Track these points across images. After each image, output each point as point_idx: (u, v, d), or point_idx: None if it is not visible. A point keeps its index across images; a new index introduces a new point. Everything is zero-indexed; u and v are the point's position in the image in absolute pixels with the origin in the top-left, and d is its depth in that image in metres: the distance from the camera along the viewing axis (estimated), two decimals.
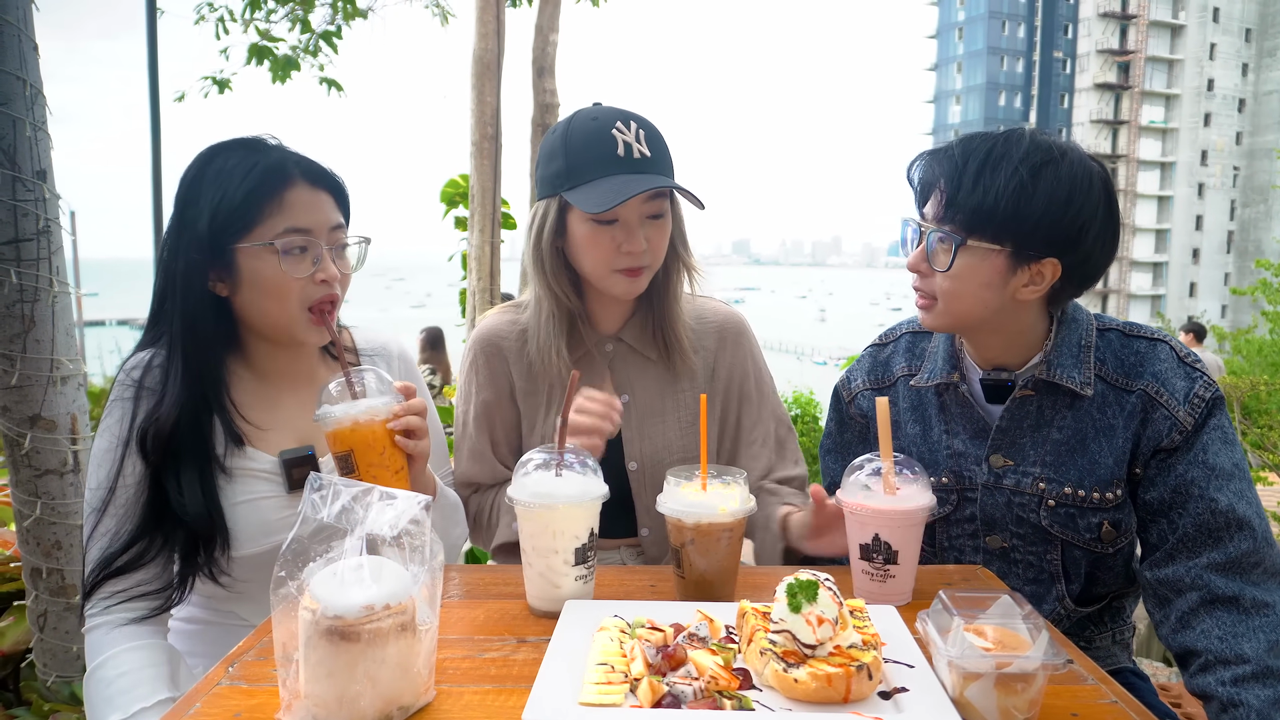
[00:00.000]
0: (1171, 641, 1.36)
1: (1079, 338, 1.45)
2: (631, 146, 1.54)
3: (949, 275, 1.38)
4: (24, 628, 2.27)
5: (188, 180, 1.37)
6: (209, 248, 1.33)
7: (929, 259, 1.40)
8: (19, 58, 1.99)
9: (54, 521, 2.12)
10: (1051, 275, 1.36)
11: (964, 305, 1.39)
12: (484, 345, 1.73)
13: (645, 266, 1.59)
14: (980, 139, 1.37)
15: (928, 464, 1.53)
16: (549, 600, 1.22)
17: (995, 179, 1.32)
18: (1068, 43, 65.37)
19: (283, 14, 6.00)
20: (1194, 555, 1.35)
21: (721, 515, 1.21)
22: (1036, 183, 1.31)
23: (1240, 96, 62.12)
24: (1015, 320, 1.43)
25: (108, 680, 1.23)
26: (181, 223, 1.35)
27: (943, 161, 1.38)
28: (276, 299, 1.36)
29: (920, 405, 1.57)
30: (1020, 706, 0.92)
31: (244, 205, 1.33)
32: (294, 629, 0.89)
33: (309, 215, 1.36)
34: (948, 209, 1.36)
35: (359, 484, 0.98)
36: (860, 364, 1.69)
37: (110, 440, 1.35)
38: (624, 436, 1.70)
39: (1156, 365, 1.41)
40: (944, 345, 1.55)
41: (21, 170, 2.00)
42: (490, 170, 5.34)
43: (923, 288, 1.43)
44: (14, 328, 2.03)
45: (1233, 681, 1.25)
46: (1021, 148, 1.33)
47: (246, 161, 1.35)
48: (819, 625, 0.97)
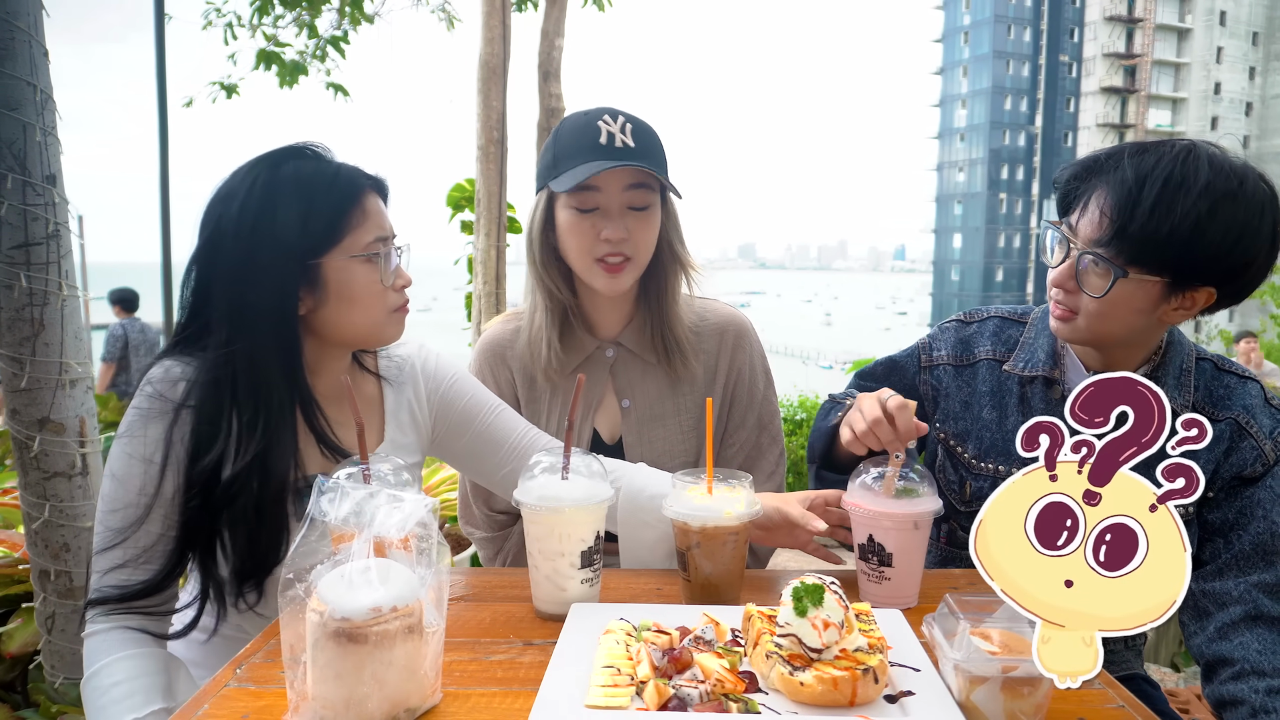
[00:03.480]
0: (1205, 649, 1.34)
1: (1181, 361, 1.45)
2: (614, 136, 1.56)
3: (1101, 300, 1.33)
4: (32, 630, 2.28)
5: (258, 190, 1.27)
6: (298, 262, 1.27)
7: (1079, 279, 1.35)
8: (29, 63, 2.01)
9: (62, 524, 2.13)
10: (1205, 301, 1.34)
11: (1109, 327, 1.36)
12: (488, 354, 1.75)
13: (627, 259, 1.59)
14: (1154, 159, 1.29)
15: (999, 452, 1.53)
16: (555, 603, 1.22)
17: (1171, 213, 1.25)
18: (1073, 46, 65.29)
19: (290, 19, 6.03)
20: (1245, 573, 1.35)
21: (727, 519, 1.22)
22: (1214, 220, 1.25)
23: (1247, 100, 61.93)
24: (1148, 335, 1.42)
25: (102, 689, 1.21)
26: (257, 237, 1.26)
27: (1112, 183, 1.30)
28: (364, 307, 1.33)
29: (1000, 392, 1.55)
30: (1027, 710, 0.92)
31: (334, 216, 1.29)
32: (302, 631, 0.90)
33: (385, 222, 1.36)
34: (1114, 238, 1.29)
35: (367, 486, 0.98)
36: (944, 335, 1.64)
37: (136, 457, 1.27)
38: (625, 441, 1.70)
39: (1247, 399, 1.43)
40: (1045, 339, 1.52)
41: (31, 175, 2.01)
42: (496, 174, 5.36)
43: (1065, 302, 1.39)
44: (24, 331, 2.04)
45: (1267, 691, 1.24)
46: (1201, 178, 1.25)
47: (321, 171, 1.31)
48: (825, 629, 0.97)
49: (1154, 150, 1.31)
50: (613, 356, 1.72)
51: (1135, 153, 1.31)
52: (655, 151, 1.60)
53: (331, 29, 6.23)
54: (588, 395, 1.70)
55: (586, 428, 1.70)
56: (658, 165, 1.58)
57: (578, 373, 1.68)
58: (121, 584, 1.26)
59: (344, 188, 1.31)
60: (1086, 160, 1.38)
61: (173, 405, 1.27)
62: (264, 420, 1.27)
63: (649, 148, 1.59)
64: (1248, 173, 1.29)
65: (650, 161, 1.57)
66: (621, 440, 1.71)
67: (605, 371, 1.72)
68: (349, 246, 1.31)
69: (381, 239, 1.34)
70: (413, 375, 1.53)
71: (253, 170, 1.30)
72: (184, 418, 1.27)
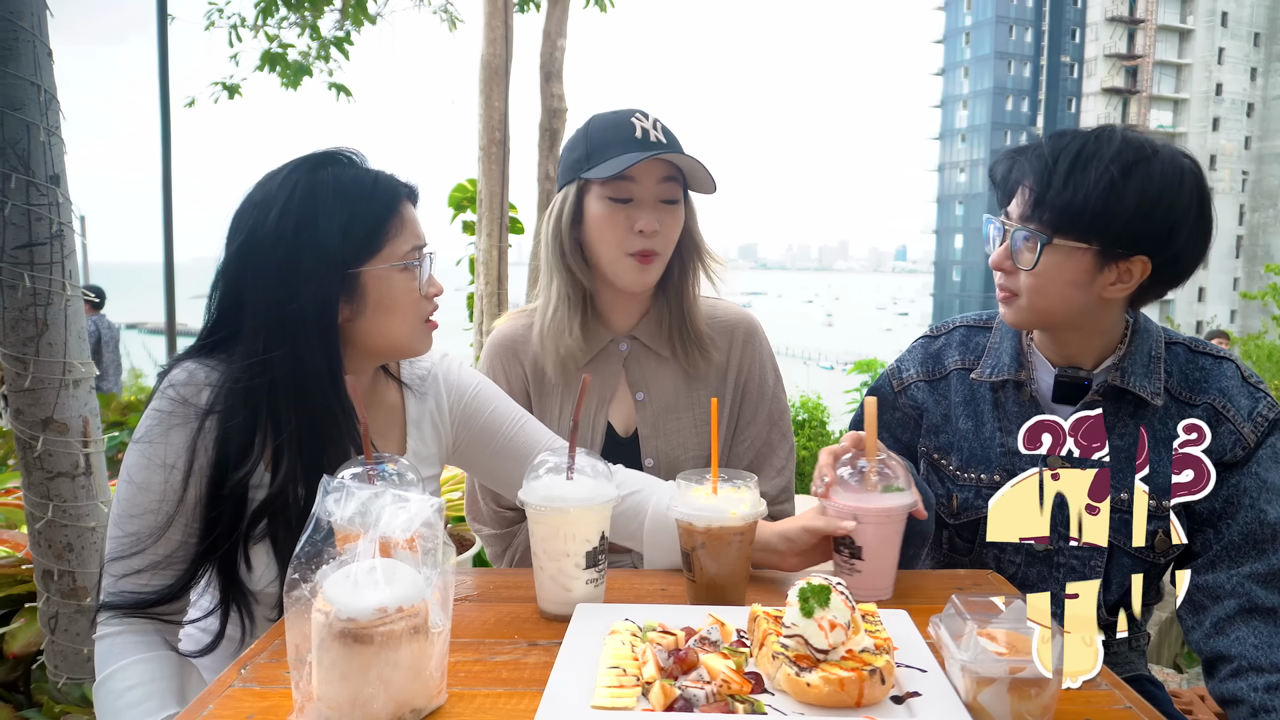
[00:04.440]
0: (1203, 646, 1.35)
1: (1150, 348, 1.44)
2: (649, 131, 1.60)
3: (1034, 273, 1.36)
4: (35, 630, 2.28)
5: (297, 199, 1.25)
6: (339, 272, 1.26)
7: (1013, 256, 1.39)
8: (33, 64, 2.01)
9: (65, 524, 2.13)
10: (1141, 273, 1.34)
11: (1048, 302, 1.38)
12: (499, 349, 1.76)
13: (657, 253, 1.61)
14: (1070, 136, 1.36)
15: (979, 460, 1.53)
16: (560, 604, 1.22)
17: (1085, 177, 1.30)
18: (1075, 47, 65.26)
19: (293, 20, 6.04)
20: (1237, 564, 1.35)
21: (733, 519, 1.21)
22: (1127, 181, 1.29)
23: (1249, 101, 61.89)
24: (1097, 319, 1.41)
25: (116, 693, 1.19)
26: (298, 244, 1.24)
27: (1031, 159, 1.36)
28: (401, 317, 1.32)
29: (973, 400, 1.56)
30: (1034, 711, 0.91)
31: (376, 224, 1.29)
32: (307, 631, 0.89)
33: (420, 230, 1.36)
34: (1035, 208, 1.34)
35: (372, 486, 0.98)
36: (912, 355, 1.66)
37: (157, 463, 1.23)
38: (640, 434, 1.71)
39: (1223, 382, 1.42)
40: (1009, 342, 1.53)
41: (35, 175, 2.01)
42: (498, 175, 5.36)
43: (1006, 284, 1.42)
44: (27, 331, 2.04)
45: (1265, 688, 1.24)
46: (1113, 146, 1.31)
47: (362, 178, 1.30)
48: (831, 630, 0.97)
49: (1070, 132, 1.37)
50: (626, 350, 1.73)
51: (1054, 135, 1.38)
52: (680, 147, 1.63)
53: (334, 30, 6.24)
54: (601, 389, 1.71)
55: (600, 420, 1.71)
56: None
57: (591, 365, 1.69)
58: (137, 590, 1.24)
59: (383, 196, 1.30)
60: (1012, 150, 1.43)
61: (196, 411, 1.24)
62: (311, 429, 1.25)
63: (678, 145, 1.63)
64: (1166, 146, 1.34)
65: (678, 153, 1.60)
66: (637, 433, 1.72)
67: (618, 365, 1.72)
68: (388, 255, 1.30)
69: (418, 247, 1.34)
70: (435, 385, 1.52)
71: (291, 176, 1.28)
72: (209, 425, 1.23)
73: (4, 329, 2.04)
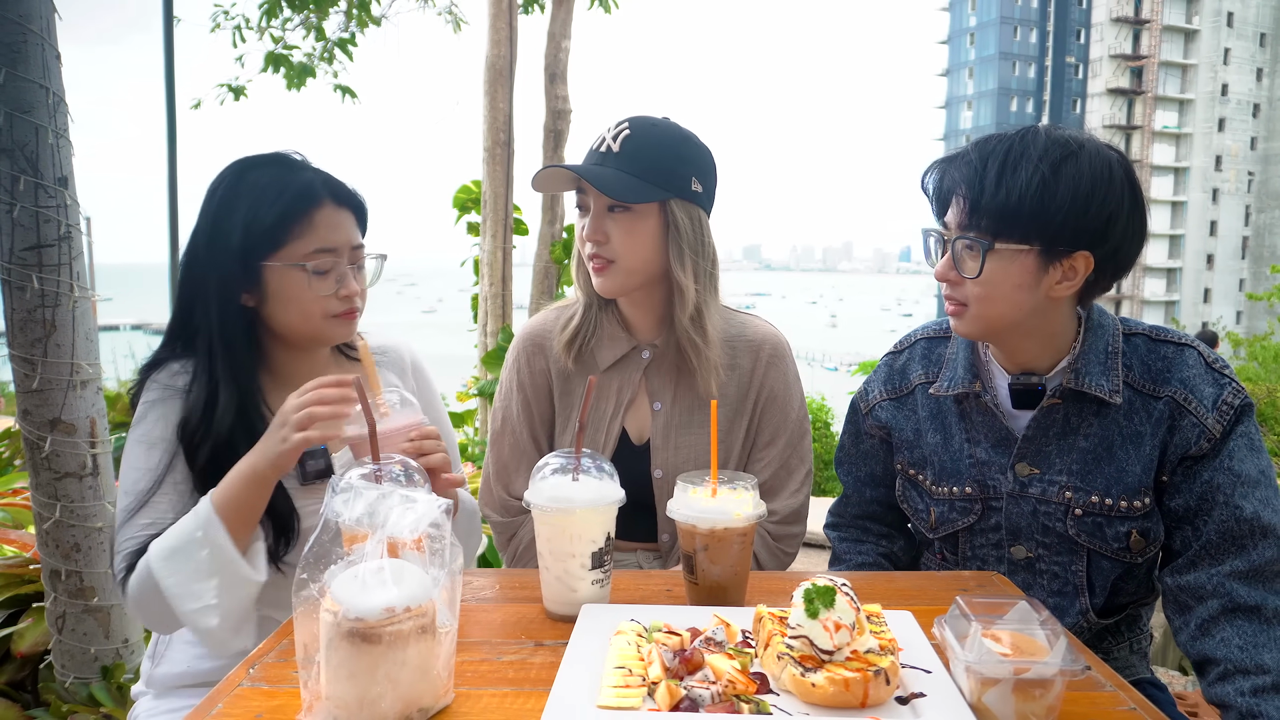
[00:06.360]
0: (1190, 649, 1.34)
1: (1105, 344, 1.42)
2: (605, 140, 1.60)
3: (979, 281, 1.35)
4: (42, 629, 2.29)
5: (219, 195, 1.41)
6: (240, 263, 1.39)
7: (957, 267, 1.38)
8: (42, 66, 2.02)
9: (73, 524, 2.15)
10: (1085, 269, 1.34)
11: (997, 309, 1.37)
12: (527, 343, 1.76)
13: (609, 260, 1.61)
14: (995, 140, 1.36)
15: (950, 473, 1.52)
16: (566, 604, 1.22)
17: (1016, 179, 1.30)
18: (1080, 48, 65.13)
19: (297, 22, 6.05)
20: (1217, 562, 1.34)
21: (734, 520, 1.22)
22: (1058, 178, 1.29)
23: (1255, 101, 61.72)
24: (1048, 321, 1.40)
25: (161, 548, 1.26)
26: (214, 237, 1.40)
27: (960, 167, 1.37)
28: (301, 313, 1.43)
29: (940, 414, 1.55)
30: (1038, 712, 0.92)
31: (276, 225, 1.39)
32: (315, 631, 0.90)
33: (335, 235, 1.43)
34: (971, 215, 1.34)
35: (380, 487, 0.99)
36: (877, 374, 1.66)
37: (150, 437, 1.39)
38: (652, 444, 1.70)
39: (1184, 371, 1.39)
40: (964, 353, 1.52)
41: (44, 177, 2.03)
42: (502, 176, 5.37)
43: (953, 295, 1.41)
44: (35, 332, 2.05)
45: (1252, 692, 1.24)
46: (1039, 145, 1.31)
47: (279, 180, 1.41)
48: (836, 631, 0.97)
49: (995, 136, 1.38)
50: (648, 358, 1.71)
51: (979, 141, 1.38)
52: (646, 160, 1.57)
53: (339, 31, 6.25)
54: (619, 394, 1.70)
55: (616, 425, 1.70)
56: (647, 173, 1.56)
57: (614, 370, 1.70)
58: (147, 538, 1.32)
59: (292, 199, 1.40)
60: (939, 160, 1.43)
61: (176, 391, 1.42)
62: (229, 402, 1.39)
63: (637, 154, 1.57)
64: (1090, 140, 1.35)
65: (636, 169, 1.56)
66: (649, 442, 1.71)
67: (639, 372, 1.71)
68: (289, 254, 1.40)
69: (326, 250, 1.41)
70: (398, 360, 1.66)
71: (220, 178, 1.43)
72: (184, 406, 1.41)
73: (12, 330, 2.05)
